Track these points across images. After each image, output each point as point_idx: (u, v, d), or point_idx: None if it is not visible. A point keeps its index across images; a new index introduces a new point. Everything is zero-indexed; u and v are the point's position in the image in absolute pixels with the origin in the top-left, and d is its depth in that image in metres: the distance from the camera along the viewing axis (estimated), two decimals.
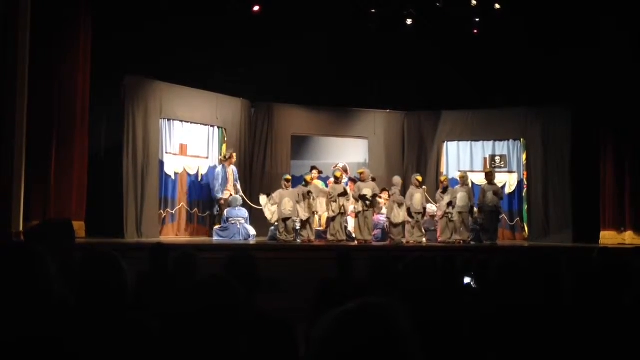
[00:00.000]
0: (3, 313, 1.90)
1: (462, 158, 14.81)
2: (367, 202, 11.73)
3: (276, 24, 13.05)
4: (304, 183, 12.02)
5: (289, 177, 12.16)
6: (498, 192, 12.36)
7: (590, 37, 12.64)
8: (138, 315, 2.25)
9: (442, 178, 13.09)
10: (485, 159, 14.61)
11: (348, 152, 15.54)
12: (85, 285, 2.35)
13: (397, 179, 12.38)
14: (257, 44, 13.13)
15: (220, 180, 12.49)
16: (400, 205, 11.96)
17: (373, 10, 13.32)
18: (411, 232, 11.98)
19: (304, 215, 11.75)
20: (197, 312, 2.01)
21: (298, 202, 11.71)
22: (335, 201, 11.70)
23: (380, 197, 12.40)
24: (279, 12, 12.88)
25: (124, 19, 11.47)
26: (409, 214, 11.98)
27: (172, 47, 12.12)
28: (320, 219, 12.72)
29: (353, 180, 12.88)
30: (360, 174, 12.23)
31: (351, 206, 12.03)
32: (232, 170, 12.65)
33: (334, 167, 13.01)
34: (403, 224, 12.01)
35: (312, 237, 11.87)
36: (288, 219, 11.58)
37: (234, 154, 12.87)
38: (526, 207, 14.11)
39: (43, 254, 2.03)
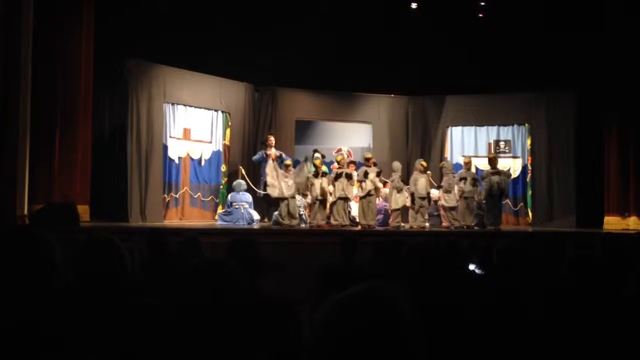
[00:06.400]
0: (7, 296, 1.91)
1: (467, 143, 14.77)
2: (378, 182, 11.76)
3: (280, 7, 12.99)
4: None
5: (289, 161, 12.13)
6: (504, 172, 12.39)
7: (596, 20, 12.52)
8: (138, 299, 2.26)
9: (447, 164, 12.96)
10: (489, 144, 14.58)
11: (352, 137, 15.49)
12: (85, 270, 2.36)
13: (397, 164, 12.26)
14: (261, 28, 13.08)
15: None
16: (399, 191, 11.93)
17: None
18: (414, 217, 11.97)
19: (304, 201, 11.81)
20: (196, 296, 2.01)
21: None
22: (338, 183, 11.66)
23: (385, 187, 12.36)
24: None
25: (127, 1, 11.42)
26: (413, 199, 11.96)
27: (176, 30, 12.08)
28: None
29: (354, 163, 12.80)
30: (367, 159, 12.15)
31: (354, 190, 12.01)
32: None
33: (336, 152, 12.97)
34: (401, 209, 11.99)
35: (322, 222, 11.82)
36: (288, 202, 11.57)
37: (271, 137, 12.94)
38: (530, 192, 14.09)
39: (47, 237, 2.04)
